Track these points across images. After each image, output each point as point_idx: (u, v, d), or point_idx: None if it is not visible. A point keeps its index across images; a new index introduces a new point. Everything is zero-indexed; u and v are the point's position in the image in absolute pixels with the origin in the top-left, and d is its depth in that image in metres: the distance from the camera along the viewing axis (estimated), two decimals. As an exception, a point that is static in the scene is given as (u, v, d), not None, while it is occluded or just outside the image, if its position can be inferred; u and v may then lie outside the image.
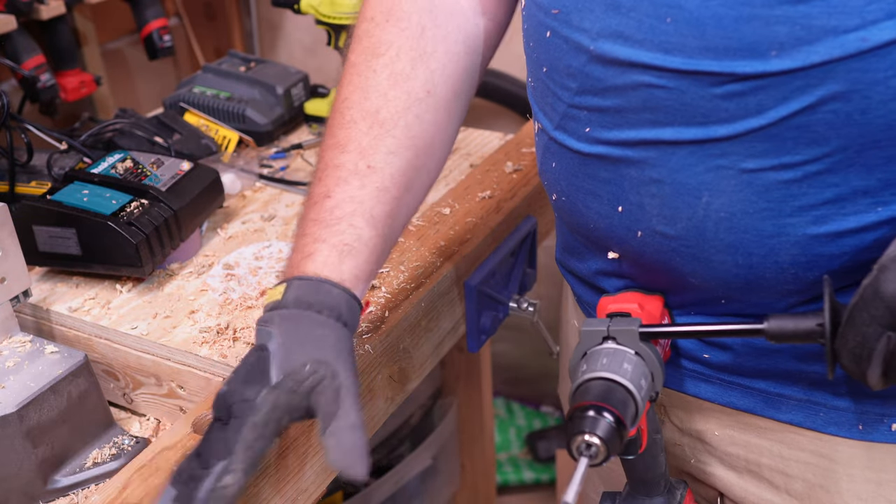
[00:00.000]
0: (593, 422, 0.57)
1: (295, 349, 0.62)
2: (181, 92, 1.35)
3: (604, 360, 0.62)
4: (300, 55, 2.23)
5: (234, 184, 1.16)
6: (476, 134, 1.32)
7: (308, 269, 0.66)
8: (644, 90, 0.59)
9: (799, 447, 0.70)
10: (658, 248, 0.65)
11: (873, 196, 0.57)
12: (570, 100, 0.65)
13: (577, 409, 0.58)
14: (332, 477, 0.80)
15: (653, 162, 0.61)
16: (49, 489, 0.77)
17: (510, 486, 2.06)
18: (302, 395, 0.61)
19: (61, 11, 1.58)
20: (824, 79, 0.53)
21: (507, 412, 2.23)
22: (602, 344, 0.64)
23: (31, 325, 0.95)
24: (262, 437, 0.59)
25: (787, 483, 0.72)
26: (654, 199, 0.63)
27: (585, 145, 0.65)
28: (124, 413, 0.93)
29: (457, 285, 0.95)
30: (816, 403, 0.68)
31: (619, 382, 0.60)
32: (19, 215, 0.92)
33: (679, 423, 0.78)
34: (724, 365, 0.70)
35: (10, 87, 1.65)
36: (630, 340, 0.63)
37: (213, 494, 0.57)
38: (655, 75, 0.58)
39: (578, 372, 0.63)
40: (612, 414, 0.57)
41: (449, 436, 1.41)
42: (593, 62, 0.61)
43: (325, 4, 1.26)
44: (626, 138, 0.62)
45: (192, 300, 0.94)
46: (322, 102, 1.35)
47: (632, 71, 0.59)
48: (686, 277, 0.65)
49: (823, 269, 0.60)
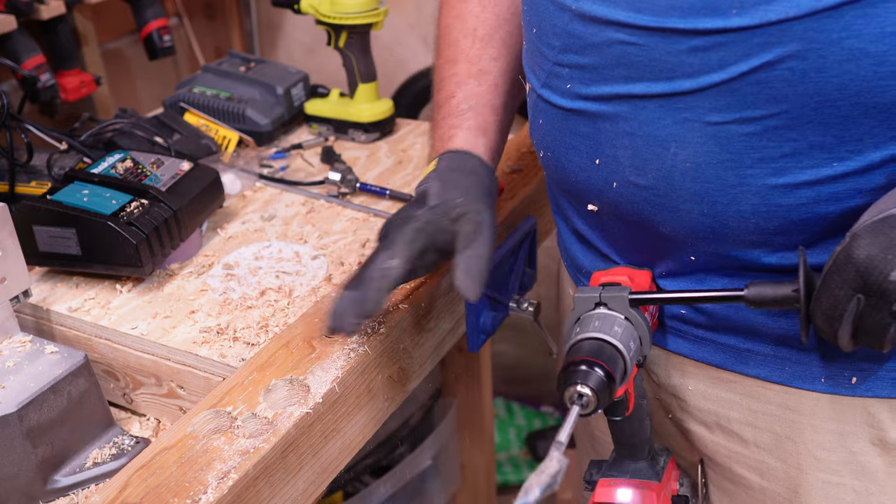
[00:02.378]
0: (585, 374, 0.61)
1: (450, 189, 0.76)
2: (181, 92, 1.35)
3: (596, 322, 0.67)
4: (300, 55, 2.23)
5: (234, 184, 1.16)
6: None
7: (452, 147, 0.82)
8: (618, 47, 0.64)
9: (766, 400, 0.74)
10: (632, 198, 0.69)
11: (829, 151, 0.60)
12: (555, 58, 0.71)
13: (571, 364, 0.62)
14: (332, 477, 0.80)
15: (625, 116, 0.66)
16: (49, 489, 0.77)
17: (510, 486, 2.06)
18: (451, 219, 0.74)
19: (61, 11, 1.58)
20: (781, 38, 0.57)
21: (507, 412, 2.23)
22: (594, 309, 0.69)
23: (31, 325, 0.95)
24: (418, 239, 0.73)
25: (755, 435, 0.76)
26: (626, 151, 0.68)
27: (567, 101, 0.71)
28: (124, 413, 0.93)
29: (457, 285, 0.94)
30: (783, 358, 0.71)
31: (609, 342, 0.65)
32: (19, 215, 0.92)
33: (657, 378, 0.82)
34: (699, 321, 0.74)
35: (10, 87, 1.65)
36: (620, 306, 0.68)
37: (380, 272, 0.71)
38: (628, 32, 0.63)
39: (572, 334, 0.68)
40: (603, 368, 0.62)
41: (449, 436, 1.41)
42: (575, 21, 0.67)
43: (325, 4, 1.26)
44: (602, 93, 0.67)
45: (192, 300, 0.94)
46: (322, 102, 1.35)
47: (608, 28, 0.64)
48: (657, 227, 0.69)
49: (782, 218, 0.64)
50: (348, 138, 1.33)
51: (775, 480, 0.76)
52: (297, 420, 0.72)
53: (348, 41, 1.28)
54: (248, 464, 0.68)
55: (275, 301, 0.93)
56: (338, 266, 0.99)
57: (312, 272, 0.98)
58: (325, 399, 0.75)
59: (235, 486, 0.66)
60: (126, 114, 1.26)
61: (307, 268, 0.99)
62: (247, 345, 0.86)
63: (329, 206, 1.14)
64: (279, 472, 0.72)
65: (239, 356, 0.84)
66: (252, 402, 0.74)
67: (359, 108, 1.31)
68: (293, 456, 0.73)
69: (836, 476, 0.73)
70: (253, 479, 0.68)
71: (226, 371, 0.83)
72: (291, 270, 0.98)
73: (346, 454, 0.82)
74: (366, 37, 1.29)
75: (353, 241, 1.04)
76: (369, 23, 1.26)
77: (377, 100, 1.32)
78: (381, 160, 1.26)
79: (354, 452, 0.83)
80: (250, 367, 0.79)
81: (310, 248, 1.03)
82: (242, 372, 0.78)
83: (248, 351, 0.85)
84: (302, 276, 0.97)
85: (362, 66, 1.29)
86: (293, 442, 0.73)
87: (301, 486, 0.75)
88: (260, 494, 0.70)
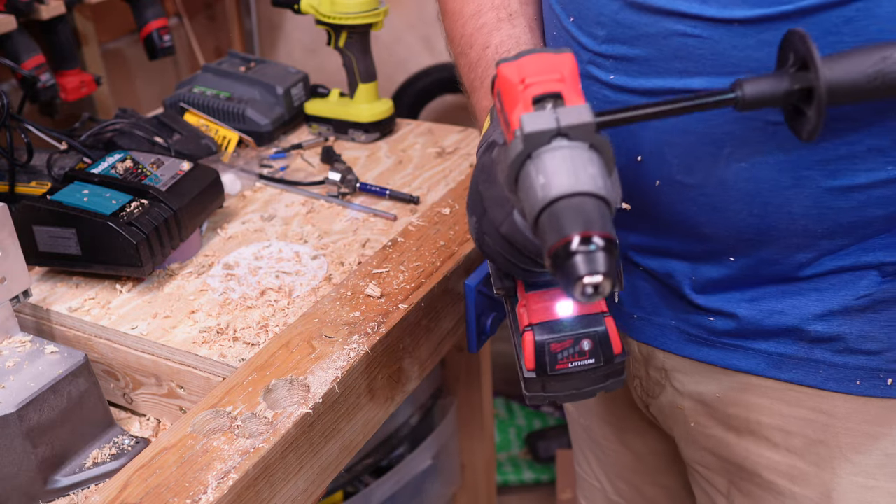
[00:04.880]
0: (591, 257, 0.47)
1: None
2: (181, 92, 1.35)
3: (561, 164, 0.50)
4: (300, 55, 2.23)
5: (234, 184, 1.16)
6: (476, 134, 1.32)
7: None
8: (676, 39, 0.60)
9: (799, 404, 0.72)
10: (675, 197, 0.66)
11: (886, 155, 0.59)
12: (597, 48, 0.66)
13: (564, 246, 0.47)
14: (332, 477, 0.80)
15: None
16: (49, 489, 0.77)
17: (510, 486, 2.06)
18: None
19: (61, 11, 1.58)
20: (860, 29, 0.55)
21: (507, 412, 2.23)
22: (551, 143, 0.51)
23: (31, 325, 0.95)
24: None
25: (786, 440, 0.74)
26: (675, 149, 0.64)
27: (610, 92, 0.66)
28: (124, 413, 0.93)
29: (457, 285, 0.95)
30: (817, 361, 0.70)
31: (595, 194, 0.49)
32: (19, 215, 0.92)
33: (680, 386, 0.79)
34: (729, 329, 0.72)
35: (10, 87, 1.65)
36: (585, 134, 0.51)
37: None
38: (690, 24, 0.59)
39: (536, 185, 0.50)
40: (604, 239, 0.47)
41: (449, 436, 1.41)
42: (627, 9, 0.63)
43: (325, 4, 1.26)
44: (653, 87, 0.63)
45: (192, 300, 0.94)
46: (322, 102, 1.35)
47: (666, 19, 0.60)
48: (699, 227, 0.67)
49: (831, 221, 0.62)
50: (348, 138, 1.33)
51: (807, 486, 0.74)
52: (297, 420, 0.73)
53: (348, 41, 1.28)
54: (248, 464, 0.68)
55: (275, 301, 0.93)
56: (338, 266, 0.99)
57: (312, 272, 0.98)
58: (325, 399, 0.75)
59: (235, 486, 0.66)
60: (126, 114, 1.26)
61: (307, 268, 0.99)
62: (247, 345, 0.86)
63: (329, 206, 1.14)
64: (279, 472, 0.72)
65: (239, 356, 0.84)
66: (252, 402, 0.74)
67: (359, 108, 1.31)
68: (293, 456, 0.73)
69: (871, 479, 0.71)
70: (253, 479, 0.68)
71: (226, 371, 0.83)
72: (291, 270, 0.98)
73: (346, 454, 0.82)
74: (366, 37, 1.29)
75: (353, 241, 1.04)
76: (369, 23, 1.26)
77: (377, 100, 1.32)
78: (381, 160, 1.26)
79: (354, 452, 0.83)
80: (250, 367, 0.79)
81: (310, 248, 1.03)
82: (242, 372, 0.79)
83: (248, 351, 0.85)
84: (302, 276, 0.97)
85: (362, 66, 1.29)
86: (293, 442, 0.73)
87: (301, 486, 0.75)
88: (260, 494, 0.70)
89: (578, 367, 0.62)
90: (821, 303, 0.68)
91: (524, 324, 0.63)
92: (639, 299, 0.78)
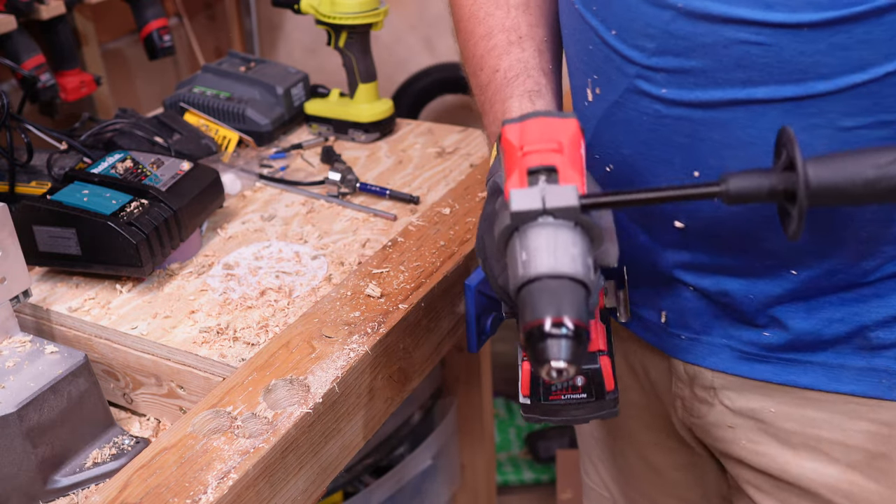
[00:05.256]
0: (558, 343, 0.49)
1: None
2: (181, 92, 1.35)
3: (543, 243, 0.52)
4: (300, 55, 2.23)
5: (234, 184, 1.16)
6: (476, 134, 1.32)
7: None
8: (737, 47, 0.57)
9: (859, 416, 0.69)
10: (737, 212, 0.63)
11: None
12: (646, 61, 0.63)
13: (535, 329, 0.50)
14: (332, 477, 0.80)
15: (741, 123, 0.60)
16: (49, 489, 0.77)
17: (510, 486, 2.06)
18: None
19: (61, 11, 1.58)
20: None
21: (507, 412, 2.23)
22: (536, 221, 0.53)
23: (31, 325, 0.95)
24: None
25: (846, 454, 0.71)
26: (738, 162, 0.61)
27: (661, 108, 0.64)
28: (124, 413, 0.93)
29: (457, 285, 0.95)
30: (879, 371, 0.67)
31: (574, 278, 0.51)
32: (19, 215, 0.92)
33: (730, 403, 0.76)
34: (783, 344, 0.70)
35: (10, 87, 1.65)
36: (570, 215, 0.52)
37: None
38: (753, 31, 0.57)
39: (518, 263, 0.52)
40: (577, 327, 0.49)
41: (449, 436, 1.41)
42: (680, 19, 0.59)
43: (325, 4, 1.26)
44: (711, 99, 0.60)
45: (192, 300, 0.94)
46: (322, 102, 1.35)
47: (725, 27, 0.57)
48: (761, 243, 0.65)
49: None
50: (348, 138, 1.33)
51: (867, 502, 0.71)
52: (297, 420, 0.72)
53: (348, 41, 1.28)
54: (248, 464, 0.68)
55: (275, 301, 0.93)
56: (338, 266, 0.99)
57: (312, 272, 0.98)
58: (325, 399, 0.75)
59: (235, 486, 0.66)
60: (126, 114, 1.26)
61: (307, 268, 0.99)
62: (247, 345, 0.86)
63: (329, 206, 1.14)
64: (279, 472, 0.72)
65: (239, 356, 0.84)
66: (252, 402, 0.74)
67: (359, 108, 1.31)
68: (293, 456, 0.73)
69: None
70: (253, 479, 0.68)
71: (226, 371, 0.83)
72: (291, 270, 0.98)
73: (346, 454, 0.82)
74: (366, 37, 1.29)
75: (353, 241, 1.04)
76: (369, 23, 1.26)
77: (377, 100, 1.32)
78: (381, 160, 1.26)
79: (354, 452, 0.83)
80: (250, 367, 0.79)
81: (310, 248, 1.03)
82: (242, 372, 0.79)
83: (248, 351, 0.85)
84: (302, 276, 0.97)
85: (362, 66, 1.29)
86: (293, 442, 0.73)
87: (301, 486, 0.75)
88: (260, 494, 0.70)
89: (571, 399, 0.66)
90: (882, 308, 0.66)
91: (523, 352, 0.65)
92: (687, 320, 0.75)
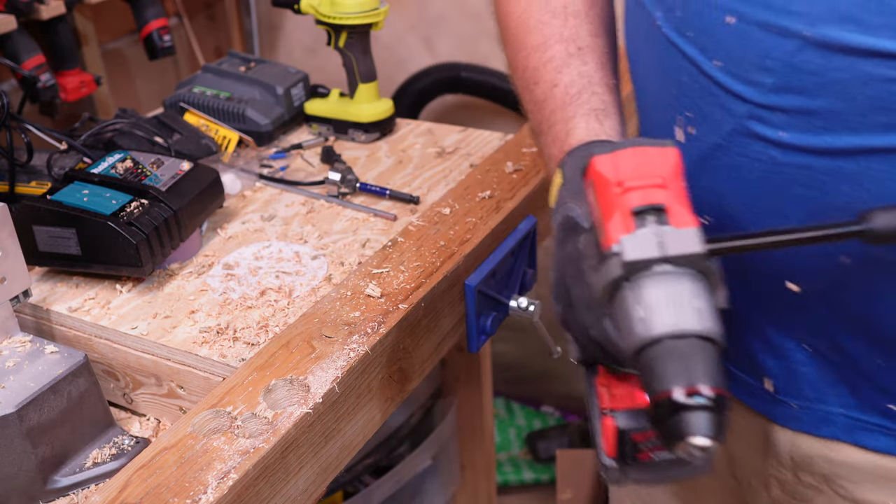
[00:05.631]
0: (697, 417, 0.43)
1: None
2: (181, 92, 1.35)
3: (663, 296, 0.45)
4: (300, 55, 2.23)
5: (234, 184, 1.16)
6: (476, 134, 1.32)
7: (574, 144, 0.63)
8: (879, 85, 0.50)
9: None
10: (865, 276, 0.56)
11: None
12: (761, 99, 0.56)
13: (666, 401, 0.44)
14: (332, 477, 0.80)
15: (878, 175, 0.53)
16: (49, 489, 0.77)
17: (510, 486, 2.06)
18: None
19: (61, 11, 1.58)
20: None
21: (507, 412, 2.23)
22: (651, 270, 0.46)
23: (31, 325, 0.95)
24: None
25: None
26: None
27: (778, 153, 0.56)
28: (124, 413, 0.93)
29: (457, 285, 0.95)
30: None
31: (706, 337, 0.44)
32: (19, 215, 0.92)
33: (846, 493, 0.68)
34: None
35: (10, 87, 1.65)
36: (692, 262, 0.46)
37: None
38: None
39: (634, 320, 0.46)
40: (716, 394, 0.43)
41: (449, 436, 1.41)
42: (807, 50, 0.52)
43: (325, 4, 1.26)
44: (842, 146, 0.53)
45: (192, 300, 0.94)
46: (322, 102, 1.35)
47: (864, 62, 0.50)
48: (888, 315, 0.57)
49: None
50: (348, 138, 1.33)
51: None
52: (297, 420, 0.72)
53: (348, 41, 1.28)
54: (248, 464, 0.68)
55: (275, 301, 0.93)
56: (338, 266, 0.99)
57: (312, 272, 0.98)
58: (325, 399, 0.75)
59: (235, 486, 0.66)
60: (126, 114, 1.26)
61: (307, 268, 0.99)
62: (247, 345, 0.86)
63: (329, 206, 1.14)
64: (279, 472, 0.72)
65: (239, 356, 0.84)
66: (252, 402, 0.74)
67: (359, 108, 1.31)
68: (293, 456, 0.73)
69: None
70: (253, 479, 0.68)
71: (226, 371, 0.83)
72: (291, 270, 0.98)
73: (346, 454, 0.82)
74: (366, 37, 1.29)
75: (353, 241, 1.04)
76: (369, 23, 1.26)
77: (377, 100, 1.32)
78: (381, 160, 1.26)
79: (354, 452, 0.83)
80: (250, 367, 0.79)
81: (310, 248, 1.03)
82: (242, 372, 0.79)
83: (248, 351, 0.85)
84: (302, 276, 0.97)
85: (362, 66, 1.29)
86: (293, 442, 0.73)
87: (301, 486, 0.75)
88: (260, 494, 0.70)
89: (662, 458, 0.57)
90: None
91: (604, 405, 0.58)
92: (800, 386, 0.67)
